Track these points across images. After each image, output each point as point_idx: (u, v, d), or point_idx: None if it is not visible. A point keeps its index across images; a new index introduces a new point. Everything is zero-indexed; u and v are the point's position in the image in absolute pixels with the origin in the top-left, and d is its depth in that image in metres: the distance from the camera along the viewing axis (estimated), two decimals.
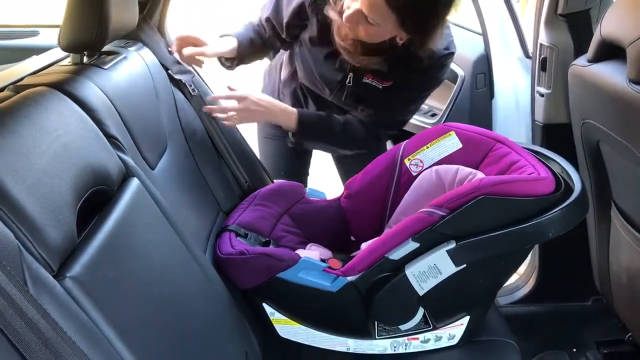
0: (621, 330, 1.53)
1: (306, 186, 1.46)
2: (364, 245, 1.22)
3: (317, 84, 1.45)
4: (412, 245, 1.01)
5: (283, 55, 1.55)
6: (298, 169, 1.71)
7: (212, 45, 1.36)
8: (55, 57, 1.16)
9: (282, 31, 1.42)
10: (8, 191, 0.65)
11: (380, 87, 1.36)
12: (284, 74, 1.55)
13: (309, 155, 1.73)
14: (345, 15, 1.20)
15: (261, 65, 1.69)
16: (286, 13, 1.38)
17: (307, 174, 1.76)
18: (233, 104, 1.32)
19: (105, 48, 1.15)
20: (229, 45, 1.39)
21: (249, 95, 1.31)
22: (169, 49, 1.36)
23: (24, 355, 0.55)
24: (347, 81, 1.38)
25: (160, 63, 1.32)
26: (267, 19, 1.42)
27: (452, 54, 1.34)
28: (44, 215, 0.68)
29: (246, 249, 1.11)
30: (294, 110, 1.38)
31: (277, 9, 1.40)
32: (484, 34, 2.01)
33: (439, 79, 1.38)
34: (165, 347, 0.80)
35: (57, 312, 0.61)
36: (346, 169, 1.74)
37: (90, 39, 1.01)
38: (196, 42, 1.34)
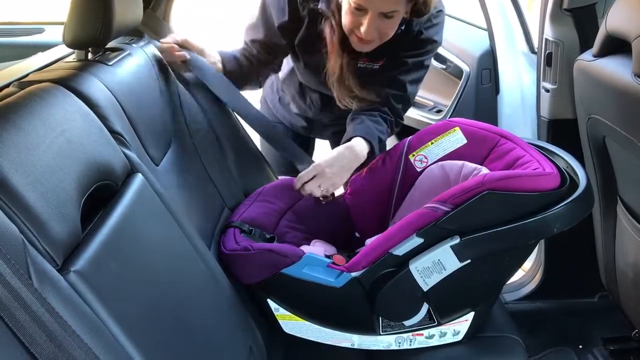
0: (628, 326, 1.53)
1: None
2: (368, 241, 1.22)
3: (320, 83, 1.45)
4: (416, 241, 1.01)
5: None
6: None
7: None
8: (60, 54, 1.17)
9: (279, 37, 1.36)
10: (13, 186, 0.66)
11: (377, 67, 1.36)
12: (283, 72, 1.55)
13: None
14: (363, 31, 1.20)
15: None
16: (282, 17, 1.32)
17: None
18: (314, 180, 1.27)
19: (110, 44, 1.16)
20: (214, 56, 1.37)
21: (316, 166, 1.26)
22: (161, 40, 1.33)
23: (29, 348, 0.55)
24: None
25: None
26: (280, 26, 1.34)
27: (441, 11, 1.35)
28: (48, 209, 0.69)
29: (250, 245, 1.11)
30: (354, 143, 1.28)
31: (275, 17, 1.34)
32: (489, 30, 2.01)
33: (434, 39, 1.35)
34: (169, 341, 0.80)
35: (61, 306, 0.61)
36: None
37: (95, 35, 1.01)
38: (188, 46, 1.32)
